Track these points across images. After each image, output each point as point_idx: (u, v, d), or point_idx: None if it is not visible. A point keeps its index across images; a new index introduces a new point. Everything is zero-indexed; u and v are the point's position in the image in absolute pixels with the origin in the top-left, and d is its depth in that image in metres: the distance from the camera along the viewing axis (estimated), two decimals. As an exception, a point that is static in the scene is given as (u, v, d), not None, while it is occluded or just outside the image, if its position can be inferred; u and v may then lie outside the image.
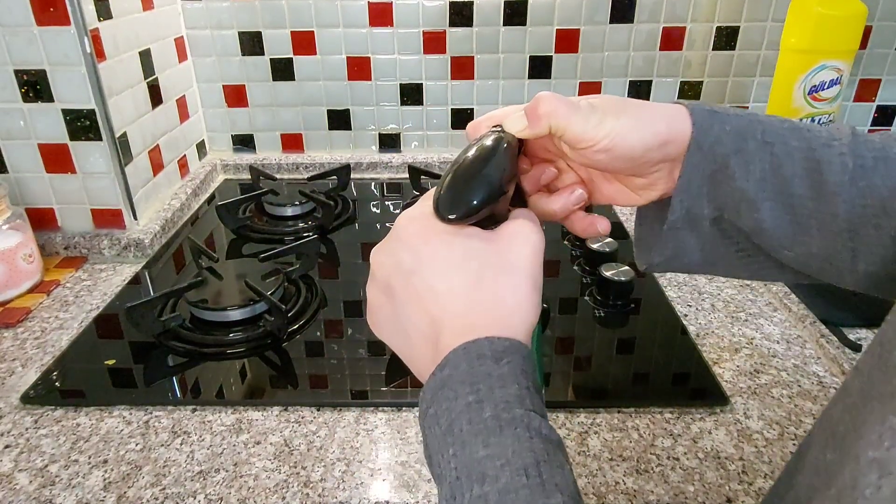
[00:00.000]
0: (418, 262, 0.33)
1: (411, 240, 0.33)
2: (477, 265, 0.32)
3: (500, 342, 0.30)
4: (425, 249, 0.33)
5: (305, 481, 0.53)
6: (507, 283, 0.32)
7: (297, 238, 0.94)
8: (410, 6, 1.08)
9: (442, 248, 0.33)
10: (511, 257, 0.33)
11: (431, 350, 0.31)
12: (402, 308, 0.33)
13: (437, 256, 0.32)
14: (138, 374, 0.66)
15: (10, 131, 0.83)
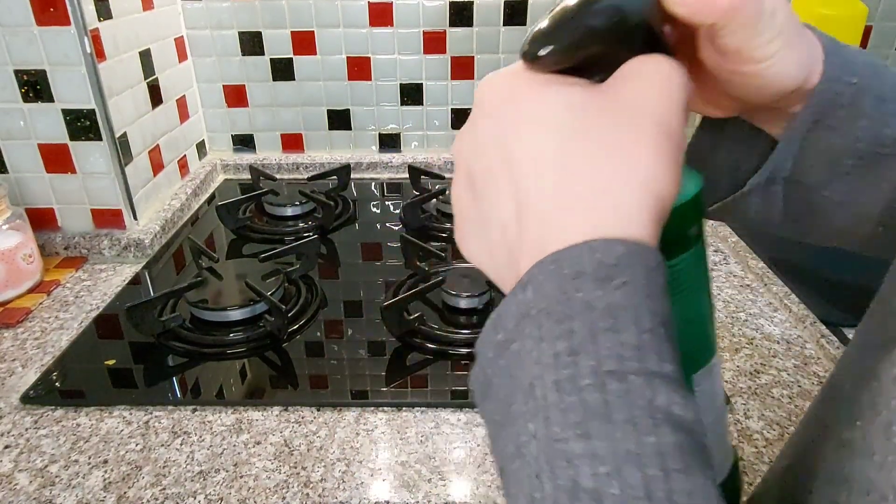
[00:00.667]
0: (498, 127, 0.24)
1: (491, 102, 0.25)
2: (575, 119, 0.22)
3: (608, 248, 0.20)
4: (507, 109, 0.24)
5: (305, 481, 0.53)
6: (620, 140, 0.22)
7: (297, 238, 0.94)
8: (410, 6, 1.08)
9: (528, 104, 0.23)
10: (628, 102, 0.22)
11: (511, 253, 0.23)
12: (483, 199, 0.24)
13: (521, 115, 0.23)
14: (138, 374, 0.66)
15: (10, 131, 0.83)
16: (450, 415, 0.60)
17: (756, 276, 0.82)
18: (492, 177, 0.24)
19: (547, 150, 0.22)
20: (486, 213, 0.24)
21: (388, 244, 0.94)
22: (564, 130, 0.22)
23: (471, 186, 0.25)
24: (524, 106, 0.23)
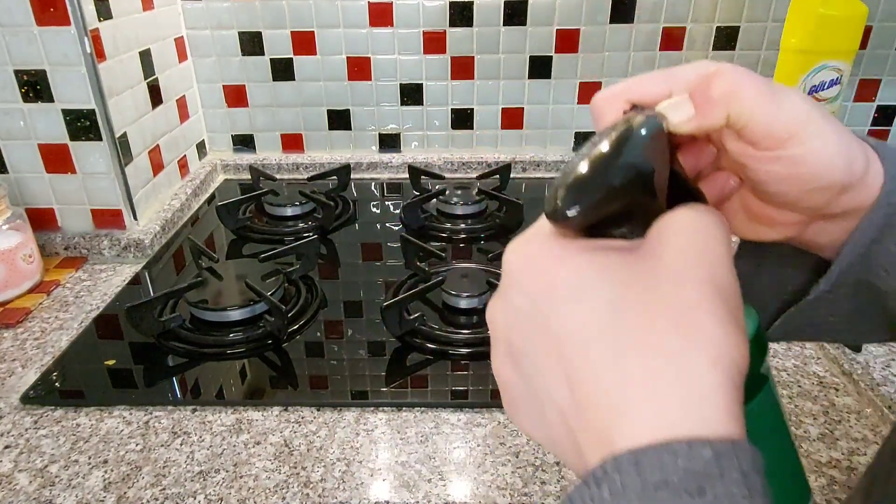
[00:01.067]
0: (535, 304, 0.22)
1: (522, 275, 0.23)
2: (617, 291, 0.20)
3: (692, 453, 0.17)
4: (541, 283, 0.22)
5: (305, 481, 0.53)
6: (673, 312, 0.20)
7: (297, 238, 0.94)
8: (410, 6, 1.08)
9: (564, 276, 0.22)
10: (672, 266, 0.21)
11: (573, 438, 0.21)
12: (531, 378, 0.22)
13: (557, 290, 0.22)
14: (138, 374, 0.66)
15: (10, 131, 0.83)
16: (450, 415, 0.60)
17: (756, 276, 0.82)
18: (537, 356, 0.22)
19: (593, 330, 0.20)
20: (538, 392, 0.22)
21: (388, 244, 0.93)
22: (609, 306, 0.20)
23: (513, 361, 0.23)
24: (559, 279, 0.22)
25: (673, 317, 0.19)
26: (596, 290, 0.21)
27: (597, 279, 0.21)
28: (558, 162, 1.18)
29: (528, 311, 0.22)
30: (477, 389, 0.63)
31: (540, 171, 1.19)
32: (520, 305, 0.23)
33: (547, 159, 1.18)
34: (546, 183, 1.16)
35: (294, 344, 0.70)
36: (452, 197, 1.01)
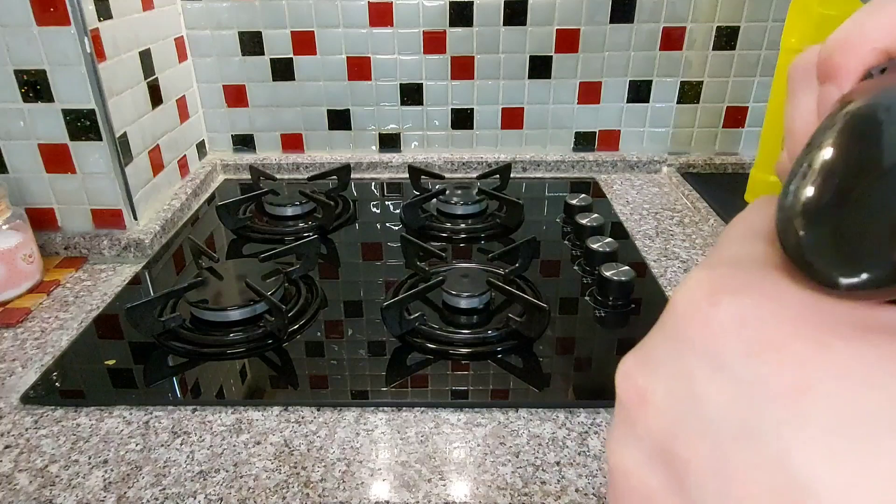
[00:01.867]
0: (752, 406, 0.13)
1: (729, 350, 0.14)
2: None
3: None
4: (777, 375, 0.13)
5: (305, 481, 0.53)
6: None
7: (297, 238, 0.94)
8: (410, 6, 1.08)
9: (821, 370, 0.13)
10: None
11: None
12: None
13: (808, 391, 0.12)
14: (138, 374, 0.66)
15: (10, 131, 0.83)
16: (450, 415, 0.60)
17: (756, 276, 0.82)
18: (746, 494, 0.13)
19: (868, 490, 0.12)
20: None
21: (388, 244, 0.93)
22: None
23: (666, 469, 0.15)
24: (816, 377, 0.12)
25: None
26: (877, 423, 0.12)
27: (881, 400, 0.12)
28: (558, 162, 1.18)
29: (735, 419, 0.13)
30: (477, 389, 0.63)
31: (540, 170, 1.19)
32: (718, 396, 0.14)
33: (547, 159, 1.18)
34: (546, 183, 1.16)
35: (294, 344, 0.70)
36: (452, 197, 1.01)
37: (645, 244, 0.92)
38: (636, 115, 1.17)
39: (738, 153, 1.20)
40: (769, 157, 0.98)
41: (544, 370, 0.66)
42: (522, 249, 0.81)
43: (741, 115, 1.17)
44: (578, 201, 0.99)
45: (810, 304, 0.13)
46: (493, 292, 0.75)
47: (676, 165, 1.17)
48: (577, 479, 0.52)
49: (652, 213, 1.02)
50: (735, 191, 1.05)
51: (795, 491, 0.12)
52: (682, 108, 1.16)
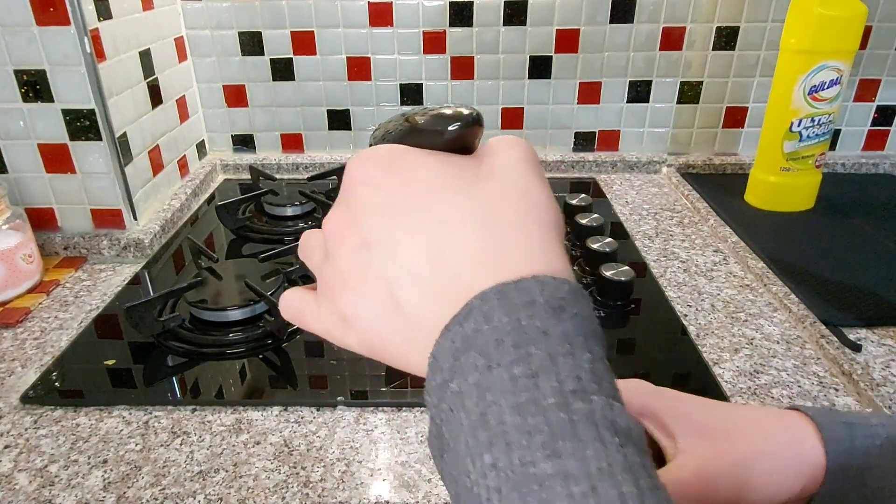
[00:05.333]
0: (394, 194, 0.25)
1: (375, 176, 0.25)
2: (463, 178, 0.25)
3: (555, 285, 0.21)
4: (397, 178, 0.25)
5: (305, 481, 0.53)
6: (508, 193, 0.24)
7: (297, 238, 0.93)
8: (410, 6, 1.08)
9: (418, 171, 0.25)
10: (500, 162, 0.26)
11: (438, 299, 0.22)
12: (384, 259, 0.24)
13: (416, 181, 0.24)
14: (138, 374, 0.66)
15: (10, 131, 0.83)
16: (449, 415, 0.60)
17: (756, 276, 0.82)
18: (394, 239, 0.24)
19: (453, 210, 0.23)
20: (389, 274, 0.24)
21: (387, 244, 0.93)
22: (462, 190, 0.24)
23: (366, 254, 0.24)
24: (418, 173, 0.25)
25: (514, 199, 0.24)
26: (450, 180, 0.24)
27: (449, 172, 0.24)
28: (558, 162, 1.18)
29: (388, 204, 0.24)
30: (477, 389, 0.63)
31: (540, 171, 1.19)
32: (375, 202, 0.24)
33: (547, 159, 1.18)
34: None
35: (294, 344, 0.70)
36: (452, 197, 1.01)
37: (645, 244, 0.92)
38: (636, 116, 1.17)
39: (737, 153, 1.20)
40: (769, 157, 0.98)
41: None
42: (522, 249, 0.81)
43: (741, 115, 1.17)
44: (578, 201, 0.99)
45: (402, 148, 0.26)
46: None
47: (676, 166, 1.17)
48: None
49: (652, 214, 1.02)
50: (735, 191, 1.05)
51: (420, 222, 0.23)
52: (682, 108, 1.16)
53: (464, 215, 0.23)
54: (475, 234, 0.22)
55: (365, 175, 0.25)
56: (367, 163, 0.25)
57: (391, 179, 0.24)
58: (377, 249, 0.24)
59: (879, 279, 0.79)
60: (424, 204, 0.24)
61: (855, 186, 1.10)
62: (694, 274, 0.84)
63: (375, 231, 0.24)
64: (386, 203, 0.24)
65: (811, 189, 1.00)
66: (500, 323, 0.20)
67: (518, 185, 0.24)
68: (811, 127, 0.94)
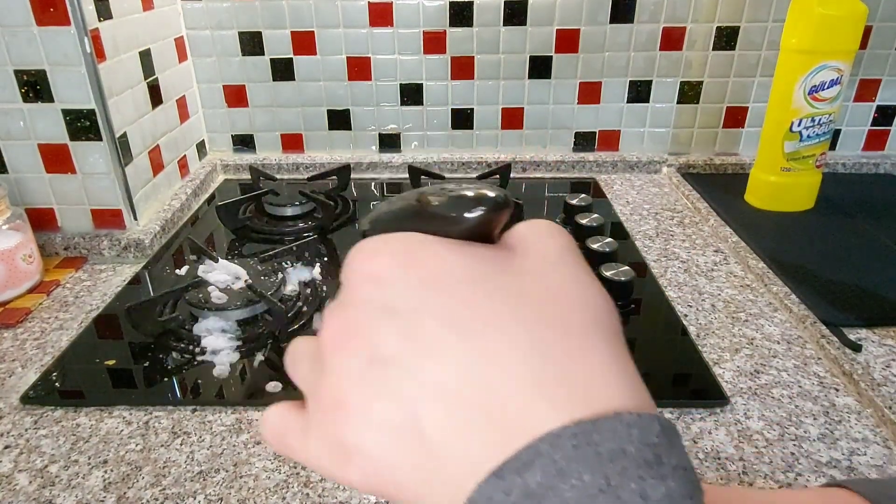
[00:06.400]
0: (408, 297, 0.20)
1: (381, 274, 0.21)
2: (495, 277, 0.20)
3: (644, 425, 0.17)
4: (411, 277, 0.20)
5: (305, 481, 0.53)
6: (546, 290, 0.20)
7: (297, 238, 0.94)
8: (410, 6, 1.08)
9: (435, 263, 0.20)
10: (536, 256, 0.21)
11: (477, 431, 0.17)
12: (400, 376, 0.19)
13: (436, 279, 0.20)
14: (138, 374, 0.66)
15: (10, 131, 0.83)
16: (450, 415, 0.60)
17: (756, 276, 0.82)
18: (410, 351, 0.19)
19: (483, 317, 0.19)
20: (404, 396, 0.19)
21: (388, 244, 0.93)
22: (494, 293, 0.19)
23: (379, 369, 0.19)
24: (435, 270, 0.20)
25: (568, 304, 0.20)
26: (485, 277, 0.19)
27: (482, 268, 0.20)
28: (558, 162, 1.18)
29: (406, 308, 0.19)
30: (477, 389, 0.63)
31: (540, 170, 1.19)
32: (388, 304, 0.20)
33: (547, 159, 1.18)
34: (546, 183, 1.16)
35: (294, 344, 0.70)
36: (452, 197, 1.01)
37: (645, 244, 0.92)
38: (636, 116, 1.17)
39: (738, 153, 1.20)
40: (769, 157, 0.98)
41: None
42: (522, 249, 0.81)
43: (741, 115, 1.17)
44: (578, 201, 0.99)
45: (414, 237, 0.21)
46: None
47: (676, 166, 1.17)
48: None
49: (652, 214, 1.02)
50: (735, 191, 1.05)
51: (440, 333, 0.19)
52: (682, 108, 1.16)
53: (508, 323, 0.18)
54: (526, 348, 0.18)
55: (375, 270, 0.20)
56: (378, 256, 0.21)
57: (409, 276, 0.20)
58: (394, 366, 0.19)
59: (880, 279, 0.79)
60: (455, 307, 0.19)
61: (855, 186, 1.10)
62: (694, 274, 0.84)
63: (391, 342, 0.19)
64: (403, 306, 0.19)
65: (811, 189, 1.00)
66: (582, 482, 0.15)
67: (570, 285, 0.20)
68: (811, 127, 0.94)
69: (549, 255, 0.21)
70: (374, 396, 0.19)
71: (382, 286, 0.20)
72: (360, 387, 0.19)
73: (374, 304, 0.20)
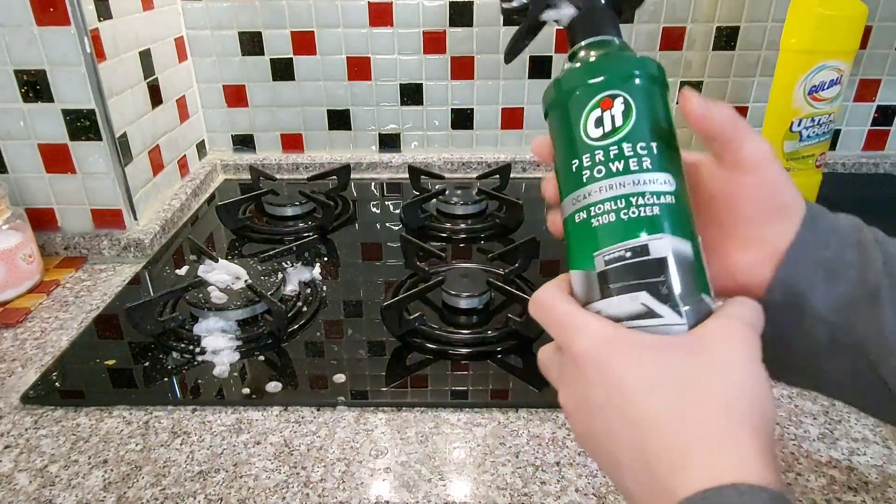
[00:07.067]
0: (610, 396, 0.28)
1: (597, 372, 0.28)
2: (677, 385, 0.26)
3: (751, 491, 0.23)
4: (614, 379, 0.28)
5: (305, 481, 0.53)
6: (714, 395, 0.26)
7: (297, 238, 0.94)
8: (410, 6, 1.08)
9: (630, 371, 0.27)
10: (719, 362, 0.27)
11: (639, 486, 0.27)
12: (611, 448, 0.28)
13: (628, 385, 0.27)
14: (138, 374, 0.66)
15: (10, 131, 0.83)
16: (450, 415, 0.60)
17: (756, 276, 0.82)
18: (613, 433, 0.27)
19: (659, 416, 0.26)
20: (613, 454, 0.28)
21: (388, 244, 0.94)
22: (671, 396, 0.26)
23: (595, 440, 0.29)
24: (630, 375, 0.27)
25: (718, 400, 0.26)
26: (661, 386, 0.26)
27: (660, 375, 0.27)
28: (558, 162, 1.18)
29: (603, 402, 0.28)
30: (477, 389, 0.63)
31: (540, 170, 1.19)
32: (595, 397, 0.28)
33: (547, 159, 1.18)
34: (546, 183, 1.16)
35: (294, 344, 0.70)
36: (452, 197, 1.01)
37: (645, 244, 0.92)
38: (636, 116, 1.17)
39: (738, 153, 1.20)
40: (769, 157, 0.98)
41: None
42: (522, 249, 0.81)
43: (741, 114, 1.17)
44: (578, 201, 0.99)
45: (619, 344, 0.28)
46: (492, 292, 0.75)
47: (676, 165, 1.17)
48: (576, 479, 0.52)
49: (652, 213, 1.02)
50: (735, 191, 1.05)
51: (630, 425, 0.27)
52: (682, 108, 1.16)
53: (668, 423, 0.26)
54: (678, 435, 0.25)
55: (587, 367, 0.28)
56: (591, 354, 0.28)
57: (614, 382, 0.27)
58: (604, 439, 0.28)
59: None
60: (637, 408, 0.27)
61: (855, 186, 1.10)
62: (694, 274, 0.84)
63: (597, 425, 0.28)
64: (604, 402, 0.28)
65: (811, 189, 1.00)
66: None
67: (739, 384, 0.26)
68: (811, 127, 0.94)
69: (736, 364, 0.27)
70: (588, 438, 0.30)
71: (604, 389, 0.28)
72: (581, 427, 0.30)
73: (591, 397, 0.29)
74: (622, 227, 0.30)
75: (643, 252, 0.29)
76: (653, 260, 0.29)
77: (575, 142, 0.32)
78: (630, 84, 0.34)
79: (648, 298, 0.29)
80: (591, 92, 0.33)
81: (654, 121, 0.33)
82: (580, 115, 0.33)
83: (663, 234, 0.29)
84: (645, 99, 0.33)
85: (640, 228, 0.30)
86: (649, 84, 0.35)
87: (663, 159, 0.32)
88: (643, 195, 0.30)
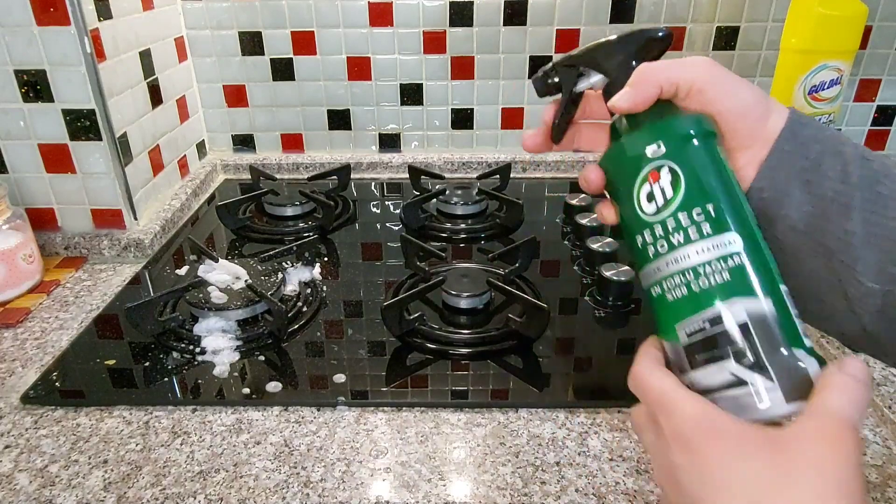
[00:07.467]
0: (688, 472, 0.29)
1: (681, 439, 0.29)
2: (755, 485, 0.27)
3: None
4: (697, 458, 0.29)
5: (305, 481, 0.53)
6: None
7: (297, 238, 0.94)
8: (410, 6, 1.08)
9: (715, 463, 0.28)
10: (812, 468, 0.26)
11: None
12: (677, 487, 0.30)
13: (709, 469, 0.28)
14: (138, 374, 0.66)
15: (10, 131, 0.83)
16: (450, 415, 0.60)
17: (756, 276, 0.82)
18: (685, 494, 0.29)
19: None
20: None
21: (388, 244, 0.94)
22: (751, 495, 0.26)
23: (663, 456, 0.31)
24: (713, 472, 0.28)
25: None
26: (740, 489, 0.27)
27: (741, 477, 0.27)
28: (558, 162, 1.18)
29: (688, 488, 0.29)
30: (477, 389, 0.63)
31: (540, 171, 1.19)
32: (680, 463, 0.29)
33: (547, 159, 1.18)
34: (546, 183, 1.16)
35: (294, 344, 0.70)
36: (452, 197, 1.01)
37: (645, 244, 0.92)
38: (636, 115, 1.17)
39: (738, 153, 1.20)
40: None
41: (544, 370, 0.66)
42: (522, 249, 0.81)
43: (741, 115, 1.17)
44: (578, 201, 0.99)
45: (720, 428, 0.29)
46: (492, 292, 0.75)
47: (676, 165, 1.17)
48: (576, 479, 0.52)
49: (652, 213, 1.02)
50: (735, 191, 1.05)
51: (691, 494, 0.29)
52: (682, 108, 1.16)
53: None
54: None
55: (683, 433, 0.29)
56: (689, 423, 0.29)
57: (695, 457, 0.29)
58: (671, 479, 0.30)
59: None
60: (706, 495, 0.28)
61: (855, 186, 1.10)
62: (694, 274, 0.84)
63: (679, 483, 0.29)
64: (690, 480, 0.29)
65: (811, 189, 1.00)
66: None
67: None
68: (811, 127, 0.94)
69: (819, 472, 0.26)
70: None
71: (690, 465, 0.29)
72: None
73: (676, 462, 0.30)
74: (695, 299, 0.30)
75: (719, 321, 0.29)
76: (731, 327, 0.29)
77: (634, 219, 0.33)
78: (671, 151, 0.32)
79: (735, 367, 0.29)
80: (635, 168, 0.33)
81: (706, 181, 0.32)
82: (632, 192, 0.33)
83: (736, 299, 0.29)
84: (690, 161, 0.32)
85: (713, 297, 0.30)
86: (692, 144, 0.33)
87: (722, 219, 0.31)
88: (709, 263, 0.30)
